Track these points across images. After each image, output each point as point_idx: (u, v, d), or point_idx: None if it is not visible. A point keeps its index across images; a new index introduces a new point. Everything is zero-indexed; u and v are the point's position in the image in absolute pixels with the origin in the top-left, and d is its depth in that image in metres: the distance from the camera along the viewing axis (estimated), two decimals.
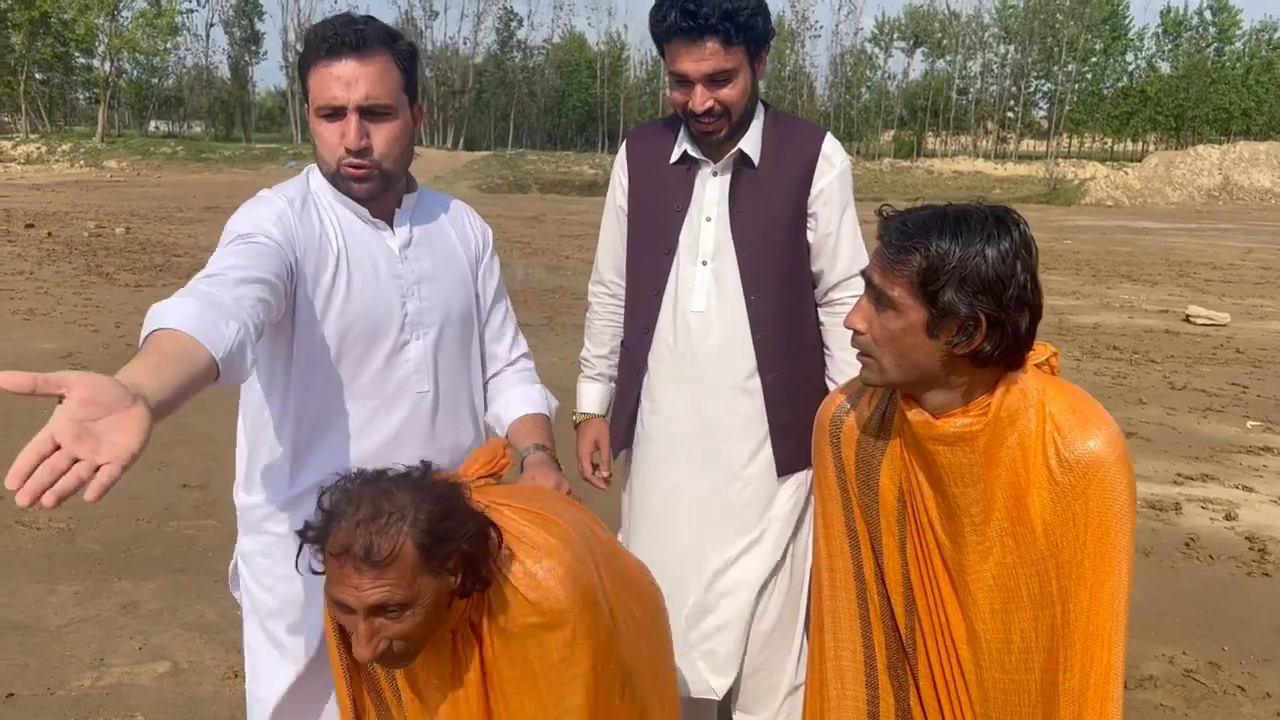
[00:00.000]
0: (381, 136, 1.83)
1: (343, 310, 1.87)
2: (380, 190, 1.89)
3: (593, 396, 2.60)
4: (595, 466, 2.56)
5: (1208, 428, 6.93)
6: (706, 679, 2.37)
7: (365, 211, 1.92)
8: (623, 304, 2.51)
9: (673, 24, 2.13)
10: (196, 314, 1.45)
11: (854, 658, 1.80)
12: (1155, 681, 3.56)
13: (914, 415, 1.60)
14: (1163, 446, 6.44)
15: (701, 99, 2.18)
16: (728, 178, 2.33)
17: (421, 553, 1.45)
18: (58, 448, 1.13)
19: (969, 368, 1.54)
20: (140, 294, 11.16)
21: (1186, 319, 11.18)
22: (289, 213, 1.83)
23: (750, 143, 2.30)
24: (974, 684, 1.65)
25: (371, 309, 1.90)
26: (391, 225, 1.96)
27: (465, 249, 2.10)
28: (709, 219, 2.33)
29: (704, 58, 2.14)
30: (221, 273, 1.62)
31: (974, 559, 1.61)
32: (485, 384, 2.19)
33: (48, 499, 1.10)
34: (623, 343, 2.53)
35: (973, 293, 1.48)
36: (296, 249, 1.81)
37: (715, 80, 2.17)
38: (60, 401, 1.15)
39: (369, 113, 1.80)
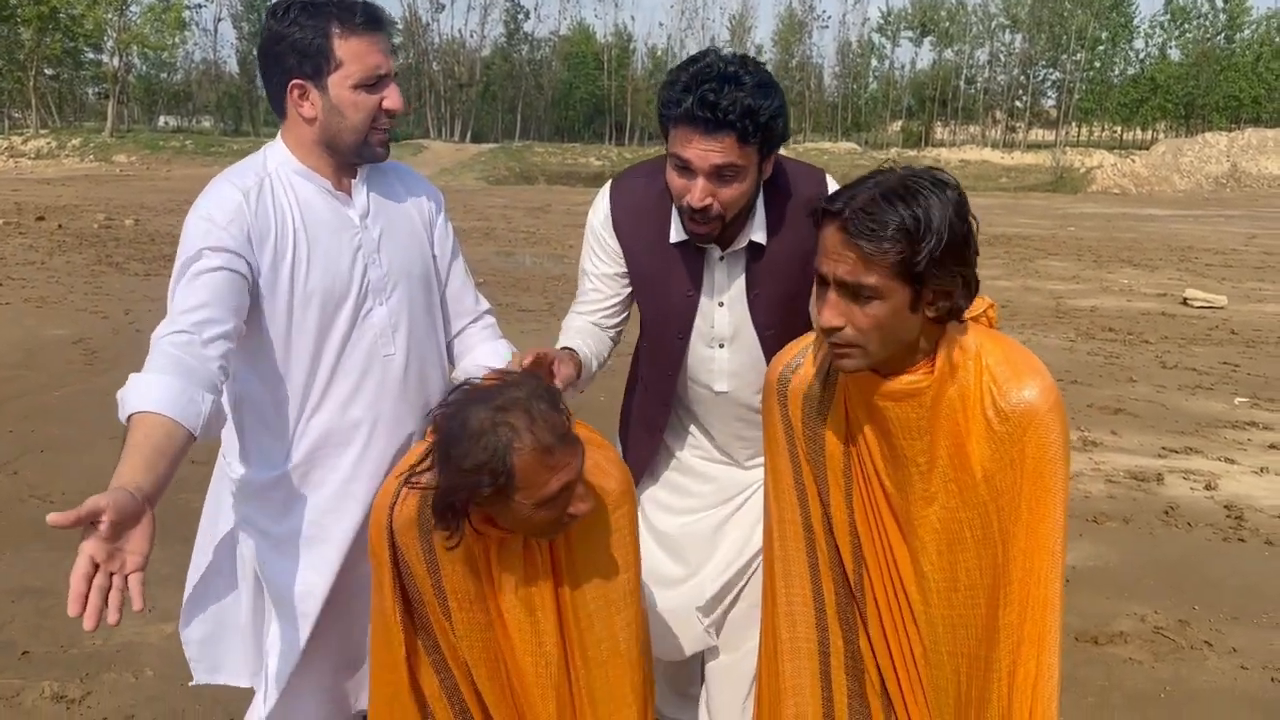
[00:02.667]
0: (401, 95, 2.02)
1: (306, 285, 1.96)
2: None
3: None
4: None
5: (1195, 404, 7.03)
6: (706, 638, 2.43)
7: (328, 184, 2.01)
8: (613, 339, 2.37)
9: (688, 111, 1.95)
10: (176, 393, 1.68)
11: (805, 604, 1.88)
12: (1125, 637, 3.68)
13: (862, 375, 1.68)
14: (1150, 422, 6.54)
15: (702, 194, 2.00)
16: (736, 260, 2.20)
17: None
18: (97, 566, 1.43)
19: (934, 326, 1.62)
20: (149, 282, 11.33)
21: (1184, 302, 11.25)
22: (244, 206, 1.91)
23: (758, 230, 2.15)
24: (923, 622, 1.73)
25: (334, 280, 1.99)
26: (350, 193, 2.05)
27: (420, 214, 2.18)
28: (721, 304, 2.22)
29: (714, 150, 1.96)
30: (191, 330, 1.78)
31: (919, 505, 1.70)
32: (450, 342, 2.28)
33: (110, 617, 1.42)
34: (634, 398, 2.47)
35: (948, 259, 1.53)
36: (254, 242, 1.91)
37: (721, 175, 1.99)
38: (98, 523, 1.45)
39: (396, 77, 1.99)
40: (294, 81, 1.92)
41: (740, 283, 2.20)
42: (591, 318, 2.29)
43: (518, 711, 1.89)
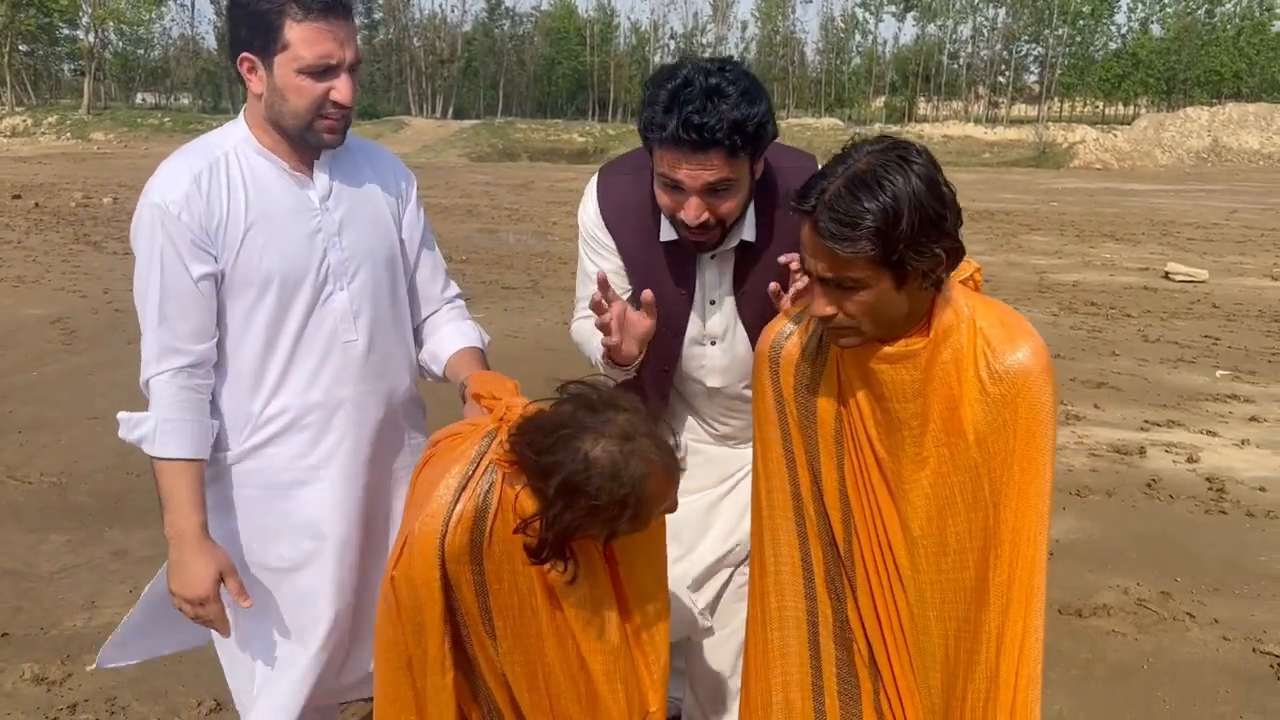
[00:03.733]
0: (353, 88, 1.93)
1: (261, 269, 1.92)
2: (344, 135, 1.98)
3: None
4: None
5: (1177, 377, 7.07)
6: (699, 619, 2.41)
7: (285, 165, 1.97)
8: None
9: (673, 135, 1.86)
10: (204, 435, 1.95)
11: (793, 572, 1.89)
12: (1109, 610, 3.70)
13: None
14: (1132, 395, 6.57)
15: (697, 211, 1.94)
16: (725, 258, 2.17)
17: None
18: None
19: (924, 293, 1.63)
20: (127, 261, 11.16)
21: (1166, 276, 11.30)
22: (195, 193, 1.88)
23: (748, 229, 2.10)
24: (910, 586, 1.74)
25: (291, 264, 1.94)
26: (311, 175, 2.00)
27: (387, 195, 2.12)
28: (713, 302, 2.20)
29: (705, 169, 1.89)
30: (195, 364, 1.94)
31: (911, 468, 1.70)
32: (420, 326, 2.23)
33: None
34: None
35: (927, 237, 1.53)
36: (210, 230, 1.89)
37: (715, 191, 1.93)
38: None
39: (351, 69, 1.90)
40: (243, 54, 1.88)
41: (729, 281, 2.17)
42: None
43: (554, 716, 1.85)
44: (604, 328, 1.95)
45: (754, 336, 2.17)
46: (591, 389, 1.69)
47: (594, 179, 2.27)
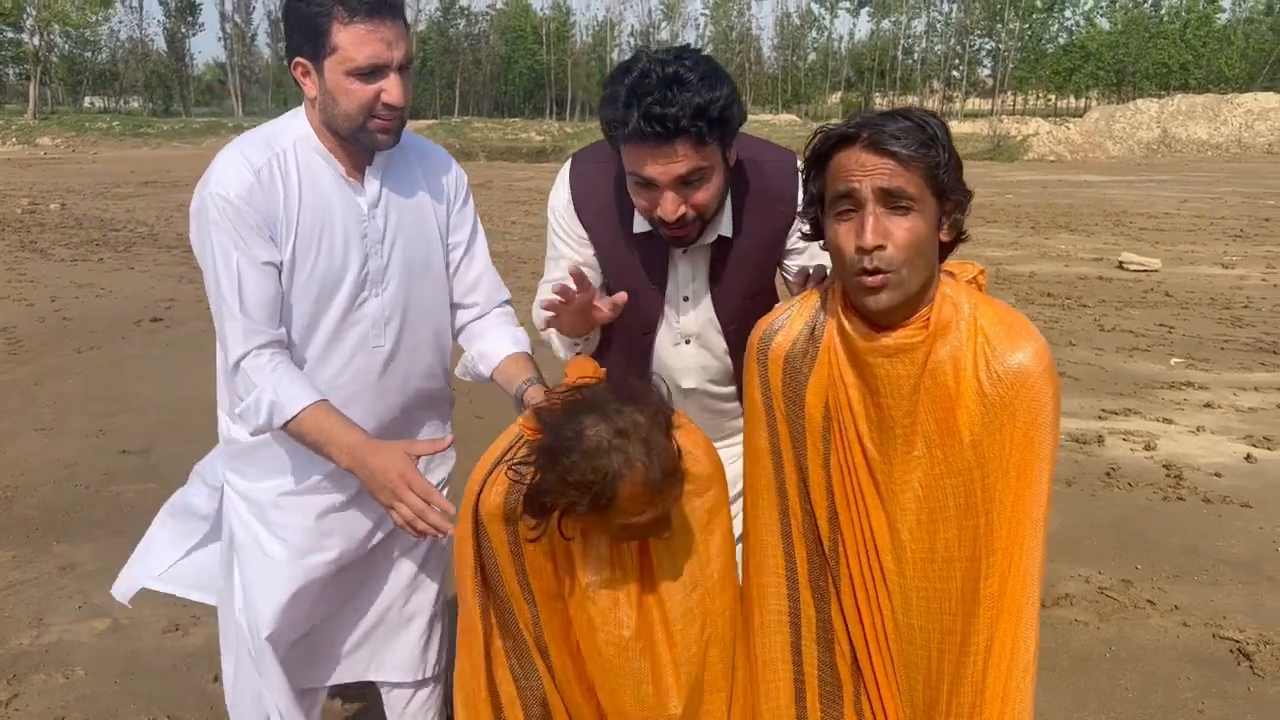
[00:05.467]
0: (406, 90, 1.95)
1: (305, 269, 1.97)
2: (399, 136, 1.99)
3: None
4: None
5: (1133, 366, 7.15)
6: None
7: (341, 169, 2.00)
8: None
9: (636, 129, 1.80)
10: (308, 386, 1.95)
11: (776, 572, 1.85)
12: (1071, 599, 3.72)
13: (857, 328, 1.64)
14: (1089, 385, 6.63)
15: (673, 206, 1.88)
16: (700, 253, 2.10)
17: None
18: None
19: (944, 252, 1.63)
20: (75, 268, 10.99)
21: (1120, 266, 11.44)
22: (257, 186, 1.92)
23: (725, 224, 2.05)
24: (896, 592, 1.70)
25: (332, 268, 1.99)
26: (363, 180, 2.03)
27: (436, 201, 2.14)
28: (686, 299, 2.14)
29: (674, 161, 1.83)
30: (274, 343, 1.96)
31: (902, 469, 1.66)
32: (463, 328, 2.25)
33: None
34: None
35: (958, 174, 1.58)
36: (271, 222, 1.94)
37: (687, 182, 1.87)
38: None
39: (401, 69, 1.93)
40: (296, 59, 1.92)
41: (704, 277, 2.12)
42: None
43: (595, 700, 1.85)
44: (552, 306, 1.88)
45: (729, 334, 2.14)
46: (640, 384, 1.69)
47: (567, 165, 2.20)
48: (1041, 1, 71.26)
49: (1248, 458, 5.24)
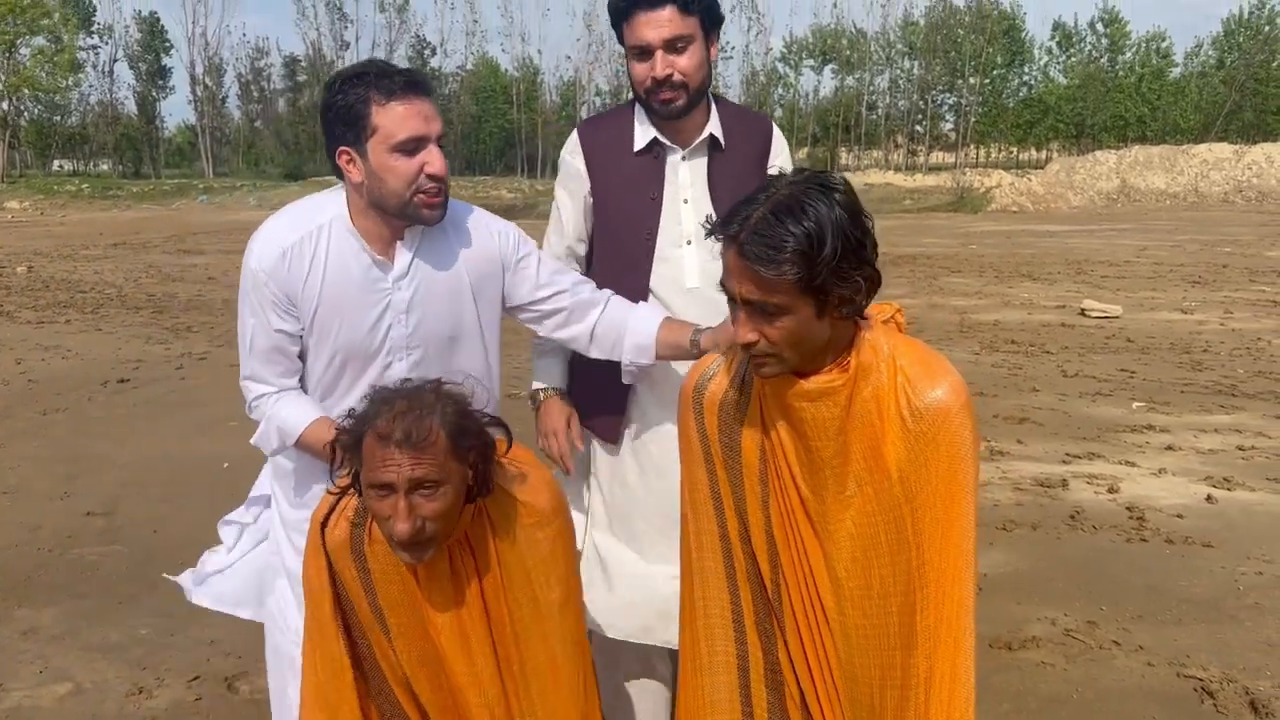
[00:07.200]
0: (443, 159, 2.08)
1: (328, 338, 2.13)
2: (445, 210, 2.13)
3: (553, 370, 2.59)
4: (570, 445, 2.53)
5: (1096, 410, 7.25)
6: (667, 636, 2.44)
7: (370, 247, 2.12)
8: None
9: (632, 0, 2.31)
10: (309, 403, 2.16)
11: (722, 616, 1.87)
12: (1038, 642, 3.75)
13: (779, 378, 1.68)
14: (1053, 429, 6.72)
15: (663, 65, 2.31)
16: (698, 161, 2.46)
17: (450, 439, 1.72)
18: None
19: (844, 324, 1.65)
20: (41, 330, 10.90)
21: (1082, 313, 11.62)
22: (281, 266, 2.08)
23: (716, 126, 2.45)
24: (838, 631, 1.73)
25: (353, 338, 2.13)
26: (394, 255, 2.14)
27: (471, 268, 2.22)
28: (686, 201, 2.45)
29: (662, 24, 2.30)
30: (284, 390, 2.17)
31: (835, 509, 1.70)
32: (594, 331, 2.35)
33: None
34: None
35: (849, 263, 1.56)
36: (292, 298, 2.10)
37: (674, 47, 2.31)
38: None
39: (438, 142, 2.07)
40: (340, 148, 2.04)
41: (703, 181, 2.45)
42: (568, 240, 2.57)
43: (460, 717, 1.92)
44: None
45: None
46: (456, 388, 1.83)
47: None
48: (1001, 58, 72.95)
49: (1208, 498, 5.31)
